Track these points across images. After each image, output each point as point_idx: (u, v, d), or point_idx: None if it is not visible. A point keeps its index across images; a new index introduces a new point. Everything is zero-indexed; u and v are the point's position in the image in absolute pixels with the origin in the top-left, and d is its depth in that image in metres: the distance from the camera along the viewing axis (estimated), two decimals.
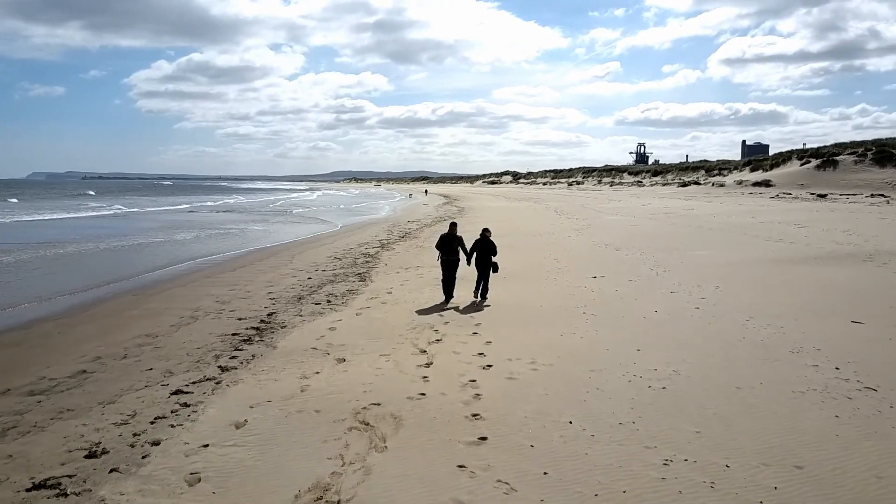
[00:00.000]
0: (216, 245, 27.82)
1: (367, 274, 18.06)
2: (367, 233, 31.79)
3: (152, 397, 8.27)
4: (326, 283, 16.68)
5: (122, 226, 39.21)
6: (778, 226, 27.87)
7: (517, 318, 11.96)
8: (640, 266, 17.97)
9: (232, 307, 13.94)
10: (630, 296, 13.75)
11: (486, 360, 9.32)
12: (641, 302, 13.10)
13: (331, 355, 9.89)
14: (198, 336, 11.47)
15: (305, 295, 15.13)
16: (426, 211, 52.93)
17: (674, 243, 23.03)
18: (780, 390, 7.79)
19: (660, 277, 16.05)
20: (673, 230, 28.26)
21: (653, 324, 11.27)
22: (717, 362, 8.96)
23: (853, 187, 54.27)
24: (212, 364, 9.71)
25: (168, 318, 13.02)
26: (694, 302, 12.98)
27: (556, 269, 17.84)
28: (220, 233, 34.02)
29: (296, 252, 23.83)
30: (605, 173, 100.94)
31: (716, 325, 11.01)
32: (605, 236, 26.20)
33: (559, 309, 12.61)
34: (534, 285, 15.37)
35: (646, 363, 8.92)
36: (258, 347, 10.58)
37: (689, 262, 18.51)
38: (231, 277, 18.11)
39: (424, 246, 24.94)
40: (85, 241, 28.65)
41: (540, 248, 22.96)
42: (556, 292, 14.39)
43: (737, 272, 16.40)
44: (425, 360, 9.43)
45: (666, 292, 14.08)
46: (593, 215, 39.53)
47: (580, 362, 9.04)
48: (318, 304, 13.96)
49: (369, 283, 16.63)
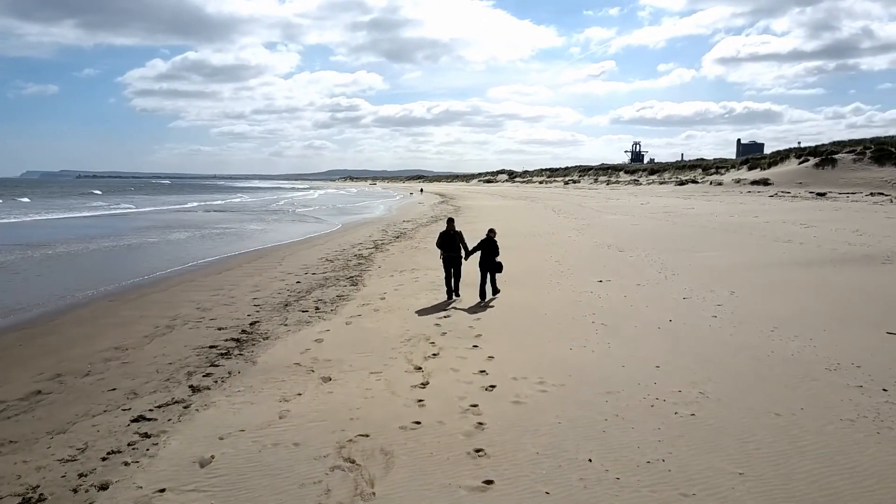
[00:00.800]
0: (208, 245, 26.71)
1: (360, 277, 17.01)
2: (361, 233, 30.72)
3: (110, 425, 7.21)
4: (316, 288, 15.62)
5: (133, 224, 37.97)
6: (783, 225, 26.93)
7: (521, 328, 10.93)
8: (646, 268, 16.97)
9: (213, 315, 12.88)
10: (640, 302, 12.74)
11: (489, 379, 8.29)
12: (653, 309, 12.10)
13: (315, 373, 8.84)
14: (171, 349, 10.40)
15: (292, 301, 14.07)
16: (421, 210, 51.86)
17: (679, 244, 22.05)
18: (825, 418, 6.78)
19: (669, 281, 15.04)
20: (675, 230, 27.29)
21: (669, 335, 10.25)
22: (747, 382, 7.95)
23: (852, 186, 53.52)
24: (182, 383, 8.65)
25: (142, 327, 11.95)
26: (710, 309, 11.97)
27: (559, 271, 16.82)
28: (217, 233, 32.85)
29: (286, 254, 22.74)
30: (601, 172, 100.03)
31: (738, 337, 9.99)
32: (607, 236, 25.20)
33: (565, 317, 11.59)
34: (536, 290, 14.35)
35: (668, 383, 7.91)
36: (236, 363, 9.52)
37: (698, 264, 17.52)
38: (216, 281, 17.03)
39: (420, 247, 23.90)
40: (80, 241, 27.48)
41: (540, 249, 21.95)
42: (561, 298, 13.37)
43: (750, 275, 15.41)
44: (420, 379, 8.40)
45: (678, 298, 13.08)
46: (592, 214, 38.55)
47: (594, 382, 8.02)
48: (305, 312, 12.91)
49: (361, 287, 15.58)
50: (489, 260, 13.57)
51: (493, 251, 13.62)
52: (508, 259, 17.42)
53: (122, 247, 26.12)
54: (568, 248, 22.09)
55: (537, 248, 22.29)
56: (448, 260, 13.65)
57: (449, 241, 13.73)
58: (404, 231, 31.18)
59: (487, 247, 13.63)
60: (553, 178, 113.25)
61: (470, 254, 13.77)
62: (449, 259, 13.63)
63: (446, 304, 13.32)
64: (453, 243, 13.70)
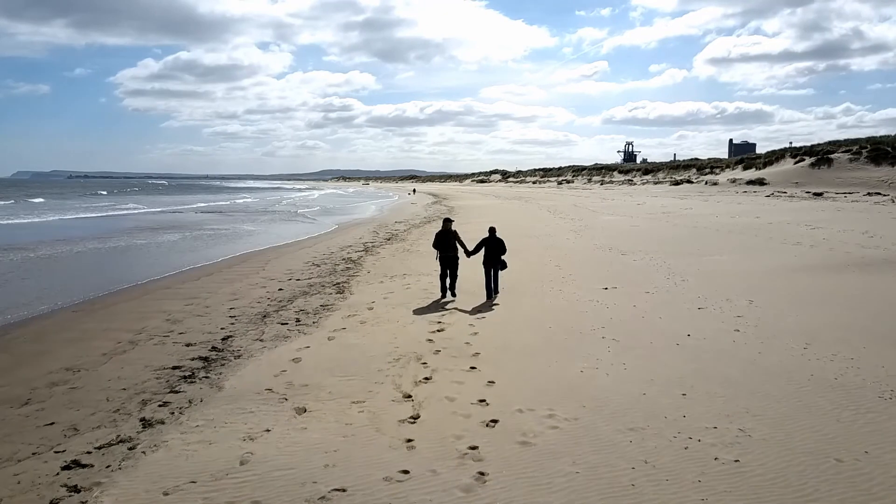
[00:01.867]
0: (195, 248, 25.37)
1: (346, 284, 15.74)
2: (352, 234, 29.42)
3: (34, 474, 5.94)
4: (299, 296, 14.35)
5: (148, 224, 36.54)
6: (787, 226, 25.83)
7: (524, 345, 9.70)
8: (652, 274, 15.79)
9: (183, 328, 11.60)
10: (652, 313, 11.55)
11: (490, 411, 7.06)
12: (668, 321, 10.90)
13: (289, 402, 7.59)
14: (129, 370, 9.12)
15: (272, 312, 12.80)
16: (414, 210, 50.57)
17: (683, 246, 20.89)
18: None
19: (679, 288, 13.86)
20: (677, 231, 26.15)
21: (689, 353, 9.06)
22: (791, 415, 6.76)
23: (849, 186, 52.65)
24: (133, 415, 7.39)
25: (102, 342, 10.66)
26: (729, 321, 10.79)
27: (560, 277, 15.61)
28: (209, 234, 31.48)
29: (272, 257, 21.44)
30: (594, 172, 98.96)
31: (769, 357, 8.80)
32: (607, 238, 24.03)
33: (572, 331, 10.37)
34: (538, 299, 13.13)
35: (699, 416, 6.71)
36: (200, 388, 8.26)
37: (707, 268, 16.35)
38: (192, 288, 15.74)
39: (412, 249, 22.66)
40: (67, 243, 26.08)
41: (538, 252, 20.75)
42: (565, 308, 12.16)
43: (766, 282, 14.25)
44: (410, 410, 7.16)
45: (692, 308, 11.89)
46: (589, 215, 37.39)
47: (613, 415, 6.81)
48: (284, 325, 11.64)
49: (348, 295, 14.31)
50: (495, 258, 13.39)
51: (499, 249, 13.46)
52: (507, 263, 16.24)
53: (107, 249, 24.72)
54: (567, 251, 20.90)
55: (535, 251, 21.08)
56: (444, 260, 13.44)
57: (445, 241, 13.52)
58: (396, 232, 29.91)
59: (492, 244, 13.45)
60: (546, 178, 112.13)
61: (473, 253, 13.60)
62: (445, 259, 13.42)
63: (442, 303, 12.97)
64: (448, 242, 13.51)
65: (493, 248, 13.44)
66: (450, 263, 13.41)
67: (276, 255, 22.25)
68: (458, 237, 13.70)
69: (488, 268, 13.44)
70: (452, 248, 13.46)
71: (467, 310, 12.31)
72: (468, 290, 13.87)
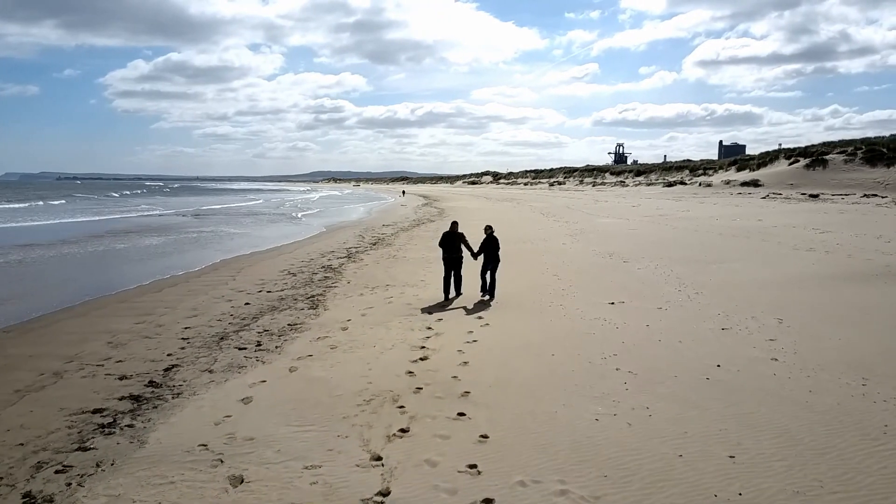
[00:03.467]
0: (171, 253, 23.51)
1: (322, 297, 13.96)
2: (336, 238, 27.59)
3: None
4: (266, 312, 12.58)
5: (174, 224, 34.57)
6: (794, 230, 24.28)
7: (523, 379, 7.98)
8: (661, 285, 14.13)
9: (123, 354, 9.80)
10: (669, 335, 9.85)
11: (483, 483, 5.33)
12: (690, 347, 9.22)
13: (225, 465, 5.84)
14: (39, 415, 7.33)
15: (231, 332, 11.02)
16: (404, 213, 48.75)
17: (688, 253, 19.25)
18: None
19: (694, 303, 12.21)
20: (678, 236, 24.53)
21: (724, 392, 7.37)
22: (880, 488, 5.07)
23: (844, 187, 51.38)
24: (18, 487, 5.61)
25: (22, 374, 8.86)
26: (762, 346, 9.12)
27: (560, 290, 13.91)
28: (192, 237, 29.58)
29: (245, 265, 19.62)
30: (586, 173, 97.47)
31: (823, 398, 7.12)
32: (605, 244, 22.36)
33: (579, 360, 8.66)
34: (536, 317, 11.42)
35: (759, 494, 5.01)
36: (117, 443, 6.49)
37: (720, 278, 14.71)
38: (149, 302, 13.92)
39: (399, 255, 20.91)
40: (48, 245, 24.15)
41: (533, 259, 19.06)
42: (569, 329, 10.45)
43: (790, 295, 12.61)
44: (378, 482, 5.42)
45: (715, 328, 10.22)
46: (583, 218, 35.75)
47: (646, 491, 5.10)
48: (242, 350, 9.87)
49: (321, 311, 12.55)
50: (492, 256, 13.35)
51: (495, 248, 13.41)
52: (499, 272, 14.62)
53: (80, 255, 22.81)
54: (565, 257, 19.20)
55: (530, 257, 19.39)
56: (448, 261, 13.33)
57: (450, 242, 13.40)
58: (383, 236, 28.12)
59: (491, 245, 13.43)
60: (538, 179, 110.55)
61: (477, 255, 13.55)
62: (449, 260, 13.32)
63: (443, 305, 12.79)
64: (455, 244, 13.37)
65: (494, 248, 13.42)
66: (455, 264, 13.33)
67: (251, 262, 20.42)
68: (465, 239, 13.59)
69: (485, 266, 13.38)
70: (458, 249, 13.36)
71: (456, 327, 10.59)
72: (454, 305, 12.17)
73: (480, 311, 12.07)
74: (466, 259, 13.69)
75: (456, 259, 13.33)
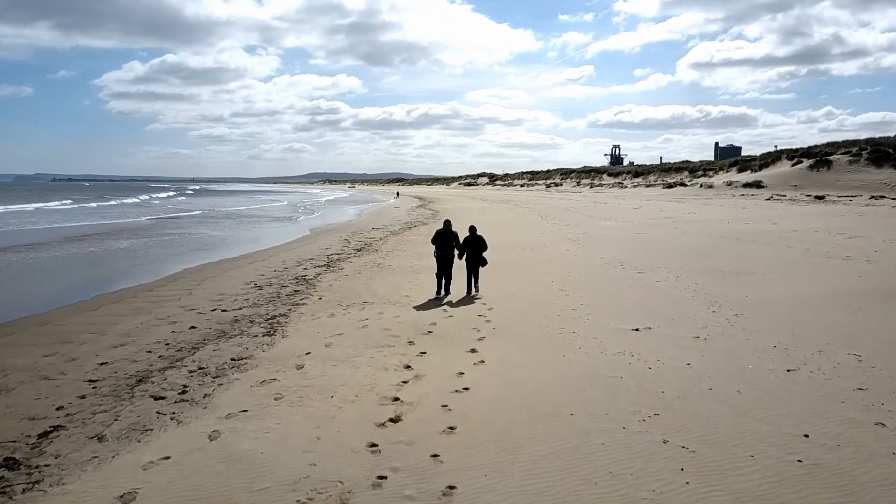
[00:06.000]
0: (134, 258, 20.95)
1: (284, 319, 11.44)
2: (318, 244, 24.99)
3: None
4: (211, 340, 10.06)
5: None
6: (817, 235, 21.87)
7: (532, 461, 5.46)
8: (689, 303, 11.68)
9: (2, 407, 7.29)
10: (723, 382, 7.37)
11: None
12: (754, 401, 6.73)
13: None
14: None
15: (156, 371, 8.49)
16: (395, 215, 46.17)
17: (708, 261, 16.80)
18: None
19: (738, 329, 9.74)
20: (690, 240, 22.09)
21: (832, 484, 4.90)
22: None
23: (850, 188, 49.20)
24: None
25: None
26: (854, 402, 6.64)
27: (570, 309, 11.43)
28: (174, 238, 27.00)
29: (208, 275, 17.05)
30: (583, 174, 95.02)
31: None
32: (613, 250, 19.89)
33: (608, 424, 6.15)
34: (544, 351, 8.91)
35: None
36: None
37: (757, 294, 12.26)
38: (77, 325, 11.38)
39: (384, 264, 18.40)
40: None
41: (535, 268, 16.58)
42: (587, 369, 7.95)
43: (854, 320, 10.15)
44: None
45: (777, 370, 7.74)
46: (585, 220, 33.28)
47: None
48: (159, 400, 7.35)
49: (278, 339, 10.03)
50: (475, 256, 13.38)
51: (480, 247, 13.44)
52: (495, 283, 12.21)
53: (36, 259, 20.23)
54: (570, 267, 16.71)
55: (531, 266, 16.92)
56: (440, 259, 13.29)
57: (443, 240, 13.38)
58: (370, 241, 25.56)
59: (473, 243, 13.42)
60: (534, 180, 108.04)
61: (462, 253, 13.48)
62: (441, 258, 13.28)
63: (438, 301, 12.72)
64: (447, 242, 13.36)
65: (475, 247, 13.40)
66: (445, 262, 13.26)
67: (217, 271, 17.86)
68: (457, 238, 13.51)
69: (469, 266, 13.41)
70: (450, 247, 13.35)
71: (442, 365, 8.10)
72: (442, 324, 9.69)
73: (475, 337, 9.59)
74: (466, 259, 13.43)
75: (448, 257, 13.26)
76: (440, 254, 13.30)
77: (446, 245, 13.32)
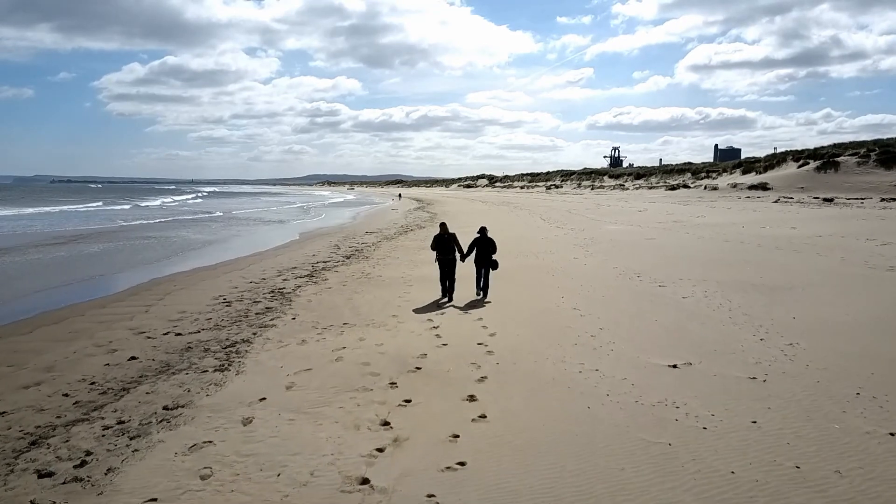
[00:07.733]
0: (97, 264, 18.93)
1: (247, 346, 9.42)
2: (305, 250, 22.92)
3: None
4: (149, 377, 8.06)
5: None
6: (846, 241, 19.88)
7: None
8: (728, 326, 9.68)
9: None
10: (810, 452, 5.36)
11: None
12: (858, 482, 4.74)
13: None
14: None
15: (59, 428, 6.47)
16: (392, 218, 44.13)
17: (735, 272, 14.79)
18: None
19: (800, 365, 7.74)
20: (706, 246, 20.09)
21: None
22: None
23: (858, 191, 47.33)
24: None
25: None
26: None
27: (587, 334, 9.42)
28: (154, 241, 24.95)
29: (175, 287, 15.02)
30: (584, 176, 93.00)
31: None
32: (625, 258, 17.89)
33: None
34: (561, 399, 6.90)
35: None
36: None
37: (807, 316, 10.25)
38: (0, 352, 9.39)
39: (373, 274, 16.39)
40: None
41: (542, 281, 14.56)
42: (621, 431, 5.92)
43: None
44: None
45: (876, 432, 5.74)
46: (589, 224, 31.27)
47: None
48: (43, 479, 5.33)
49: (233, 375, 8.01)
50: (485, 258, 12.89)
51: (489, 248, 12.96)
52: (497, 298, 10.30)
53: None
54: (581, 278, 14.69)
55: (537, 278, 14.90)
56: (442, 263, 12.89)
57: (443, 245, 12.97)
58: (362, 247, 23.52)
59: (483, 245, 12.98)
60: (534, 182, 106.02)
61: (466, 255, 13.05)
62: (443, 262, 12.89)
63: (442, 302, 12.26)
64: (447, 246, 12.95)
65: (484, 248, 12.95)
66: (450, 266, 12.83)
67: (187, 282, 15.84)
68: (457, 240, 13.10)
69: (479, 267, 12.96)
70: (451, 251, 12.93)
71: (432, 424, 6.11)
72: (435, 372, 7.69)
73: (474, 377, 7.59)
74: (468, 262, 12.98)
75: (450, 261, 12.86)
76: (441, 258, 12.91)
77: (447, 249, 12.90)
